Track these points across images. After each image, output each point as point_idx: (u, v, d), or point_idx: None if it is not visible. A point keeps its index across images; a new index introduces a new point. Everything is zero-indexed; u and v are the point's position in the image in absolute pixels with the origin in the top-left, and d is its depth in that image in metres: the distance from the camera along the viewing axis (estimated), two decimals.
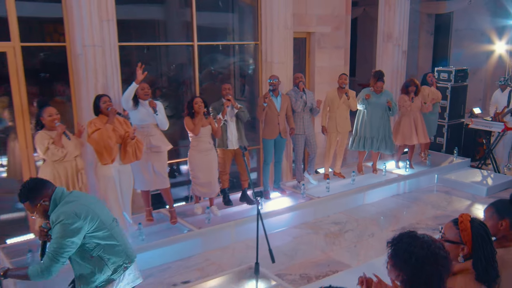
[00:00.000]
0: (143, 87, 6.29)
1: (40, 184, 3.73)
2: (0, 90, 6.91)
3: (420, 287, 2.50)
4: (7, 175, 7.43)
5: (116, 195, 6.09)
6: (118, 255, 3.83)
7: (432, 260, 2.48)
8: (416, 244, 2.51)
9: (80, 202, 3.73)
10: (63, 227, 3.50)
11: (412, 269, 2.47)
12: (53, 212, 3.63)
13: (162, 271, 6.04)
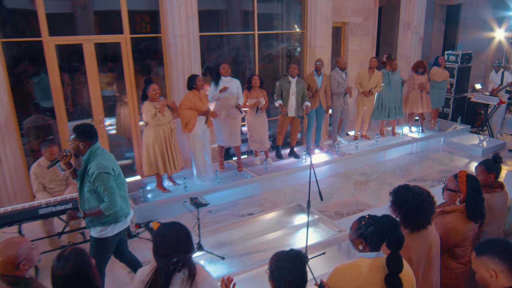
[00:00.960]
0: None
1: (93, 133, 3.86)
2: (115, 69, 7.59)
3: (412, 223, 2.90)
4: (116, 132, 8.13)
5: (201, 148, 6.63)
6: (125, 204, 4.08)
7: (420, 204, 2.87)
8: (408, 194, 2.90)
9: (109, 158, 3.92)
10: (105, 175, 3.75)
11: (405, 211, 2.90)
12: (93, 163, 3.77)
13: (233, 206, 6.60)
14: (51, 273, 2.40)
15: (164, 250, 2.43)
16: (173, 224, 2.53)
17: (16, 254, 2.59)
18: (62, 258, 2.40)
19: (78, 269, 2.38)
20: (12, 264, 2.58)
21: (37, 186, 5.45)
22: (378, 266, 2.56)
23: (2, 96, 6.23)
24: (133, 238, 5.79)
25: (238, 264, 4.81)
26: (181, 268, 2.42)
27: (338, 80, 8.08)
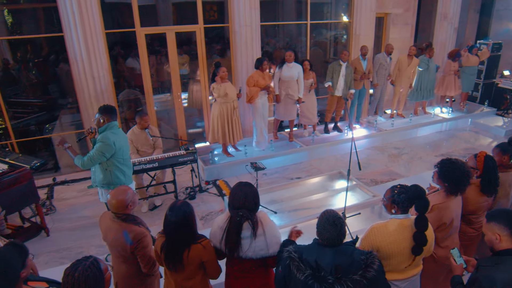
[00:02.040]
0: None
1: (112, 111, 4.04)
2: (191, 53, 7.83)
3: (456, 189, 3.02)
4: (187, 105, 8.45)
5: (261, 119, 6.83)
6: (123, 175, 4.19)
7: (464, 174, 2.99)
8: (454, 166, 3.02)
9: (118, 134, 4.03)
10: (102, 145, 3.89)
11: (453, 180, 3.00)
12: (102, 133, 3.95)
13: (284, 170, 6.77)
14: (165, 217, 2.65)
15: (235, 205, 2.61)
16: (246, 186, 2.67)
17: (125, 198, 2.94)
18: (175, 208, 2.60)
19: (185, 218, 2.59)
20: (123, 205, 2.93)
21: (132, 149, 5.83)
22: (407, 226, 2.74)
23: (106, 75, 6.69)
24: (203, 193, 6.17)
25: (287, 218, 5.04)
26: (246, 220, 2.58)
27: (382, 63, 7.99)
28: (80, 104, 6.76)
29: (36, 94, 8.36)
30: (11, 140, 6.77)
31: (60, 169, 7.36)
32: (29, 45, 8.49)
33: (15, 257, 2.19)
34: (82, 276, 1.95)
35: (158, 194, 5.90)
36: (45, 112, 8.00)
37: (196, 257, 2.65)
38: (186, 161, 5.58)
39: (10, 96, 8.28)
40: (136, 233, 2.87)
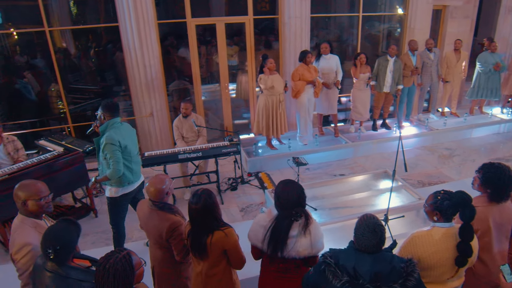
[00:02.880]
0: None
1: (113, 108, 3.84)
2: (240, 44, 7.79)
3: (500, 196, 2.82)
4: (235, 96, 8.49)
5: (306, 114, 6.69)
6: (130, 173, 3.99)
7: (508, 179, 2.78)
8: (498, 171, 2.80)
9: (121, 132, 3.84)
10: (110, 146, 3.74)
11: (496, 186, 2.80)
12: (105, 134, 3.77)
13: (327, 166, 6.62)
14: (188, 205, 2.68)
15: (288, 204, 2.54)
16: (295, 185, 2.62)
17: (162, 186, 2.97)
18: (196, 196, 2.65)
19: (206, 205, 2.62)
20: (161, 193, 2.96)
21: (177, 135, 5.92)
22: (450, 235, 2.56)
23: (157, 65, 6.83)
24: (245, 184, 6.17)
25: (328, 216, 4.91)
26: (299, 218, 2.54)
27: (425, 60, 7.58)
28: (132, 92, 6.96)
29: (94, 81, 8.72)
30: (68, 124, 7.09)
31: None
32: (91, 35, 8.86)
33: (74, 231, 2.31)
34: (112, 269, 1.95)
35: (201, 183, 5.97)
36: (100, 98, 8.32)
37: (218, 244, 2.66)
38: (229, 152, 5.58)
39: (71, 82, 8.70)
40: (171, 222, 2.89)
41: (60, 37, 8.93)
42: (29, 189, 2.67)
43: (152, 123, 7.08)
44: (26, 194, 2.65)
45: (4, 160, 5.19)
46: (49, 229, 2.28)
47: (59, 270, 2.22)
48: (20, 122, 7.39)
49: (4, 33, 7.41)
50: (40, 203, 2.69)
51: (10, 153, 5.21)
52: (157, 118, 7.08)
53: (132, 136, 4.07)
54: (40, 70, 7.66)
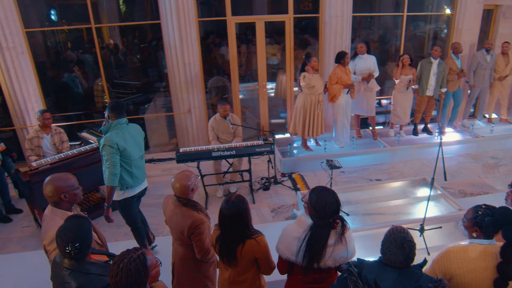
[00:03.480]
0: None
1: (118, 109, 3.73)
2: (281, 42, 7.69)
3: None
4: (274, 95, 8.42)
5: (343, 116, 6.55)
6: (129, 177, 3.84)
7: None
8: None
9: (121, 134, 3.69)
10: (106, 147, 3.61)
11: None
12: (106, 132, 3.69)
13: (363, 170, 6.40)
14: (220, 210, 2.61)
15: (326, 214, 2.43)
16: (331, 193, 2.48)
17: (187, 183, 2.93)
18: (229, 202, 2.56)
19: (238, 212, 2.54)
20: (186, 189, 2.93)
21: (212, 136, 5.90)
22: (490, 253, 2.35)
23: (196, 62, 6.88)
24: (277, 185, 6.09)
25: (360, 222, 4.75)
26: (337, 226, 2.45)
27: (480, 62, 7.13)
28: (171, 88, 7.06)
29: (137, 77, 8.95)
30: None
31: (149, 148, 7.80)
32: (138, 31, 9.09)
33: (88, 227, 2.30)
34: (125, 268, 1.92)
35: (234, 181, 5.96)
36: (142, 94, 8.53)
37: (249, 252, 2.58)
38: (263, 152, 5.52)
39: (116, 77, 8.98)
40: (194, 220, 2.86)
41: (108, 34, 9.24)
42: (64, 181, 2.74)
43: (190, 119, 7.15)
44: (61, 186, 2.71)
45: (49, 150, 5.41)
46: (64, 228, 2.26)
47: (79, 267, 2.22)
48: (66, 114, 7.70)
49: (57, 30, 7.75)
50: (74, 194, 2.76)
51: (56, 144, 5.42)
52: (194, 114, 7.14)
53: (137, 138, 3.91)
54: (88, 65, 7.95)
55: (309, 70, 6.09)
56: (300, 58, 7.94)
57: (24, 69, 6.42)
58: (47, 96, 7.43)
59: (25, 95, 6.51)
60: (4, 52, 6.21)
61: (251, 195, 5.76)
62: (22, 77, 6.41)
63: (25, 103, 6.53)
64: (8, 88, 6.42)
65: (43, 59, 8.11)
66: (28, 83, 6.50)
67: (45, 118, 5.18)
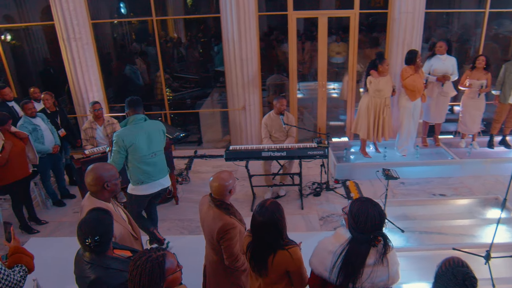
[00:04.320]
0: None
1: (136, 104, 3.90)
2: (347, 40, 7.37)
3: None
4: (339, 96, 8.10)
5: (409, 121, 6.14)
6: (140, 173, 3.94)
7: None
8: None
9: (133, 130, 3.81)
10: (114, 142, 3.80)
11: None
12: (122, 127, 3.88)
13: (426, 183, 5.93)
14: (252, 215, 2.53)
15: (366, 228, 2.23)
16: (374, 205, 2.28)
17: (225, 183, 2.86)
18: (263, 208, 2.47)
19: (272, 219, 2.44)
20: (223, 190, 2.85)
21: (265, 133, 5.81)
22: None
23: (253, 58, 6.81)
24: (329, 191, 5.85)
25: (416, 241, 4.39)
26: (378, 243, 2.25)
27: None
28: (227, 84, 7.07)
29: (197, 71, 9.13)
30: (165, 111, 7.49)
31: (202, 143, 7.90)
32: (202, 25, 9.28)
33: (108, 220, 2.31)
34: (141, 268, 1.89)
35: (283, 184, 5.82)
36: (199, 88, 8.67)
37: (281, 264, 2.46)
38: (315, 155, 5.30)
39: (176, 70, 9.23)
40: (224, 223, 2.78)
41: (174, 27, 9.52)
42: (106, 171, 2.80)
43: (244, 117, 7.11)
44: (104, 176, 2.77)
45: (102, 140, 5.64)
46: (85, 220, 2.28)
47: (99, 261, 2.23)
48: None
49: (123, 22, 8.12)
50: (115, 184, 2.82)
51: (108, 134, 5.63)
52: (249, 112, 7.09)
53: (153, 136, 3.97)
54: (151, 57, 8.22)
55: (375, 74, 5.79)
56: (367, 56, 7.58)
57: (88, 60, 6.77)
58: (109, 87, 7.80)
59: (87, 85, 6.86)
60: (71, 43, 6.59)
61: (299, 200, 5.59)
62: (86, 67, 6.76)
63: (86, 92, 6.89)
64: (72, 77, 6.82)
65: (107, 50, 8.55)
66: (91, 73, 6.84)
67: (95, 109, 5.40)
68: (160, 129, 4.11)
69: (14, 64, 7.62)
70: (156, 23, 6.96)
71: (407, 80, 5.83)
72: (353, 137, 7.18)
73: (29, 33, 7.83)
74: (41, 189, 5.79)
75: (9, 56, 7.46)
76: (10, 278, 2.61)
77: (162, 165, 4.13)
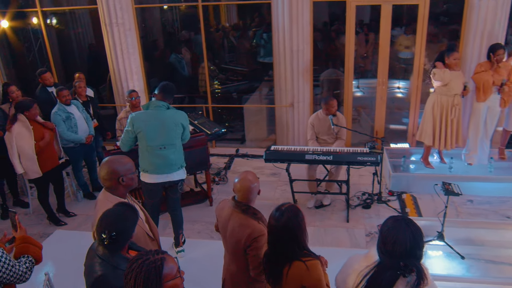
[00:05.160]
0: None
1: (167, 91, 4.06)
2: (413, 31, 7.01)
3: None
4: (405, 97, 7.77)
5: (480, 125, 5.69)
6: (143, 162, 4.08)
7: None
8: None
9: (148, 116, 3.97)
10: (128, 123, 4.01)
11: None
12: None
13: (500, 203, 5.42)
14: (268, 220, 2.49)
15: (394, 253, 2.06)
16: (410, 226, 2.09)
17: (251, 184, 2.82)
18: (279, 211, 2.42)
19: (288, 225, 2.38)
20: (249, 193, 2.81)
21: (311, 135, 5.66)
22: None
23: (305, 49, 6.63)
24: (381, 204, 5.55)
25: (479, 270, 4.00)
26: (409, 274, 2.06)
27: None
28: (275, 78, 6.95)
29: (246, 63, 9.08)
30: (207, 104, 7.50)
31: (245, 141, 7.84)
32: (257, 13, 9.23)
33: (131, 218, 2.35)
34: (136, 271, 1.88)
35: (329, 192, 5.63)
36: (247, 81, 8.62)
37: (296, 277, 2.36)
38: (366, 162, 5.03)
39: (225, 62, 9.26)
40: (253, 230, 2.73)
41: (226, 15, 9.57)
42: (121, 164, 2.81)
43: (291, 114, 6.96)
44: (119, 169, 2.78)
45: None
46: (106, 213, 2.32)
47: (110, 258, 2.25)
48: None
49: (170, 8, 8.26)
50: (131, 179, 2.83)
51: None
52: (297, 109, 6.92)
53: (169, 127, 4.04)
54: (198, 46, 8.28)
55: (439, 65, 5.42)
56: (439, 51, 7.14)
57: (130, 46, 6.94)
58: (152, 76, 7.97)
59: (127, 73, 7.05)
60: (113, 28, 6.80)
61: (346, 212, 5.34)
62: (127, 54, 6.95)
63: (126, 80, 7.07)
64: (113, 64, 7.04)
65: (155, 37, 8.75)
66: (132, 61, 7.02)
67: (131, 97, 5.49)
68: (179, 122, 4.11)
69: (58, 49, 8.01)
70: (202, 9, 6.98)
71: (476, 75, 5.45)
72: (415, 143, 6.75)
73: (75, 17, 8.23)
74: (72, 180, 6.02)
75: (54, 41, 7.85)
76: (14, 269, 2.68)
77: (172, 160, 4.15)
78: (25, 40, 7.84)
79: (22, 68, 7.92)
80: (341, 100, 7.04)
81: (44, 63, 7.66)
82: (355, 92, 8.76)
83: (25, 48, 7.95)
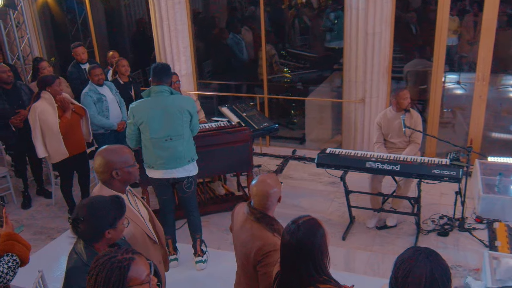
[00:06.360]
0: None
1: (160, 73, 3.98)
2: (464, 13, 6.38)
3: None
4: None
5: None
6: (146, 155, 4.07)
7: None
8: None
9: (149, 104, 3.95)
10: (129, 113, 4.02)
11: None
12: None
13: None
14: (283, 231, 2.38)
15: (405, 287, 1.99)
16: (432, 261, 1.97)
17: (270, 190, 2.72)
18: (295, 224, 2.29)
19: (302, 242, 2.24)
20: (266, 198, 2.72)
21: (378, 137, 5.31)
22: None
23: (385, 33, 6.19)
24: (463, 232, 5.02)
25: None
26: None
27: None
28: (345, 67, 6.61)
29: (317, 48, 8.78)
30: (263, 95, 7.29)
31: (305, 142, 7.57)
32: None
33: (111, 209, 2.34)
34: (98, 268, 1.88)
35: (395, 211, 5.22)
36: (315, 70, 8.31)
37: None
38: (442, 176, 4.57)
39: (294, 46, 9.03)
40: (265, 243, 2.64)
41: None
42: (117, 155, 2.80)
43: (361, 112, 6.56)
44: (113, 161, 2.76)
45: None
46: (85, 199, 2.42)
47: (83, 255, 2.29)
48: (222, 83, 8.08)
49: None
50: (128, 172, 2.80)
51: None
52: (369, 106, 6.51)
53: (169, 115, 3.98)
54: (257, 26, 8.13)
55: None
56: None
57: (178, 22, 6.93)
58: (206, 59, 7.93)
59: (174, 53, 7.05)
60: (160, 0, 6.80)
61: (414, 237, 4.93)
62: (174, 31, 6.94)
63: (172, 62, 7.07)
64: (158, 43, 7.07)
65: (214, 13, 8.73)
66: (179, 40, 7.01)
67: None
68: (184, 108, 4.03)
69: (106, 24, 8.25)
70: None
71: None
72: None
73: None
74: None
75: (100, 14, 8.06)
76: None
77: (180, 152, 4.10)
78: (69, 11, 8.15)
79: (64, 42, 8.22)
80: (428, 98, 6.52)
81: (87, 38, 7.91)
82: (454, 89, 8.25)
83: (67, 20, 8.27)
